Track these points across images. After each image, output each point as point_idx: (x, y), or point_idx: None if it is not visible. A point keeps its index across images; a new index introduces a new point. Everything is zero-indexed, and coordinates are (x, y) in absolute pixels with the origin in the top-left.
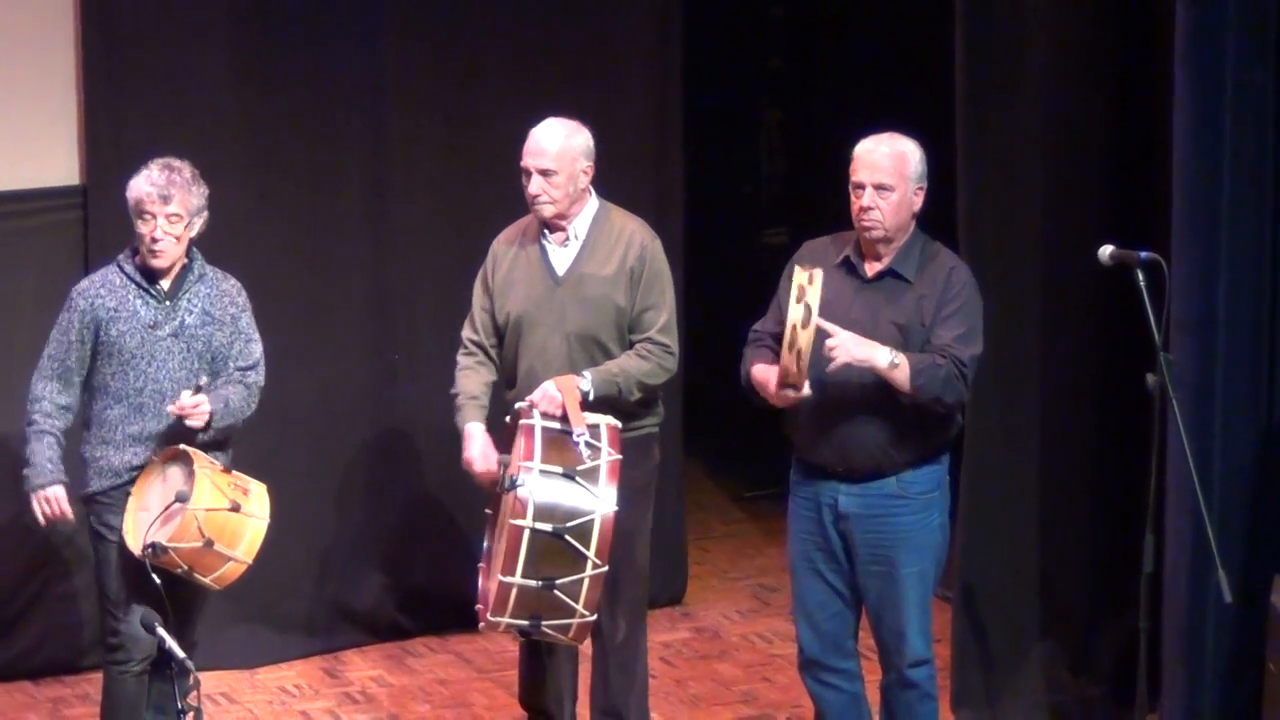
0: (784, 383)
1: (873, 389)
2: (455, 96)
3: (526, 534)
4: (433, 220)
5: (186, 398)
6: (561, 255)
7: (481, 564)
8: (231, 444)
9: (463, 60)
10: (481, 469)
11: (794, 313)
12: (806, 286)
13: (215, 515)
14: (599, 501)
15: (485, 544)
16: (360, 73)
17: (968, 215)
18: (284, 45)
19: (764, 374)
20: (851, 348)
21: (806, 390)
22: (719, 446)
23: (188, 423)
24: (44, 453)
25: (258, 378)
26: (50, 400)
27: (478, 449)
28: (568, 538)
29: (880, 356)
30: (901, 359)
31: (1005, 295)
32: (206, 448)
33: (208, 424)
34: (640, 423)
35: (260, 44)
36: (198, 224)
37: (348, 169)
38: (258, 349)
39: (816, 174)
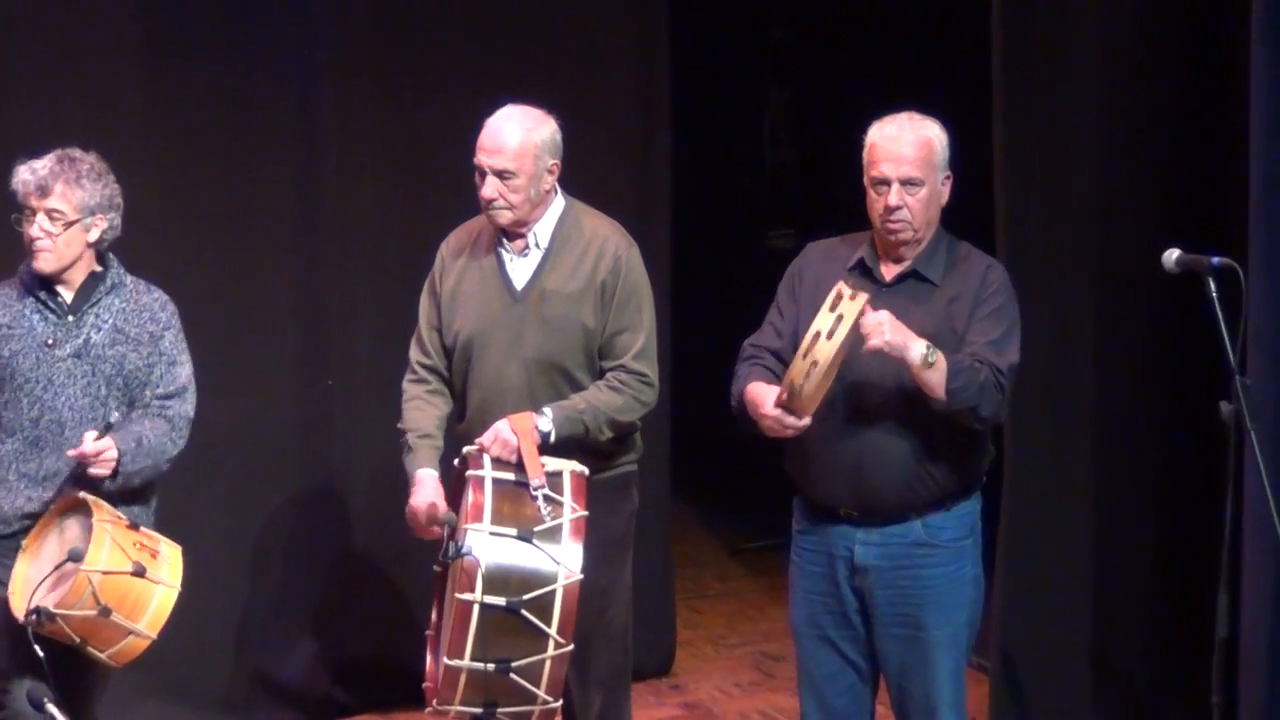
0: (784, 402)
1: (894, 408)
2: (400, 77)
3: (476, 610)
4: (374, 222)
5: (88, 441)
6: (520, 267)
7: (429, 631)
8: (155, 493)
9: (408, 34)
10: (427, 524)
11: (822, 319)
12: (847, 299)
13: (114, 580)
14: (561, 568)
15: (434, 609)
16: (289, 49)
17: (1008, 215)
18: (200, 16)
19: (760, 393)
20: (889, 328)
21: (806, 421)
22: (711, 489)
23: (90, 471)
24: None
25: (183, 408)
26: None
27: (425, 499)
28: (524, 613)
29: (916, 348)
30: (938, 356)
31: (1052, 308)
32: (119, 498)
33: (115, 470)
34: (615, 461)
35: (172, 15)
36: (99, 226)
37: (273, 162)
38: (184, 373)
39: (830, 163)
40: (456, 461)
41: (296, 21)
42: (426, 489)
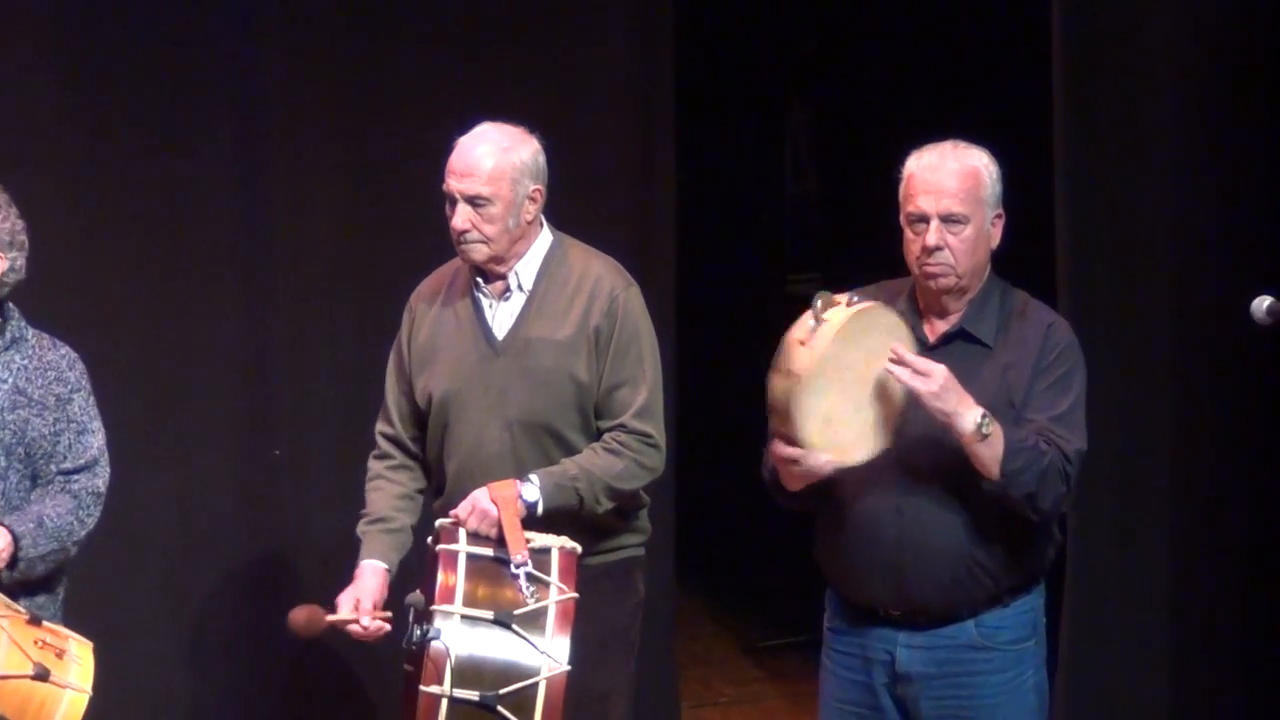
0: (778, 431)
1: (940, 488)
2: (357, 97)
3: (444, 706)
4: (328, 267)
5: None
6: (501, 313)
7: None
8: (63, 580)
9: (365, 49)
10: (352, 621)
11: (799, 328)
12: (841, 305)
13: (12, 686)
14: (544, 658)
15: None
16: (229, 68)
17: (1071, 262)
18: (126, 30)
19: (781, 449)
20: (940, 381)
21: (824, 458)
22: (726, 577)
23: None
24: None
25: (93, 483)
26: None
27: (350, 593)
28: (501, 709)
29: (969, 416)
30: (995, 429)
31: (1123, 369)
32: (18, 589)
33: (13, 559)
34: (616, 543)
35: (94, 29)
36: None
37: (211, 196)
38: (95, 444)
39: (862, 197)
40: (430, 539)
41: (237, 37)
42: (361, 583)
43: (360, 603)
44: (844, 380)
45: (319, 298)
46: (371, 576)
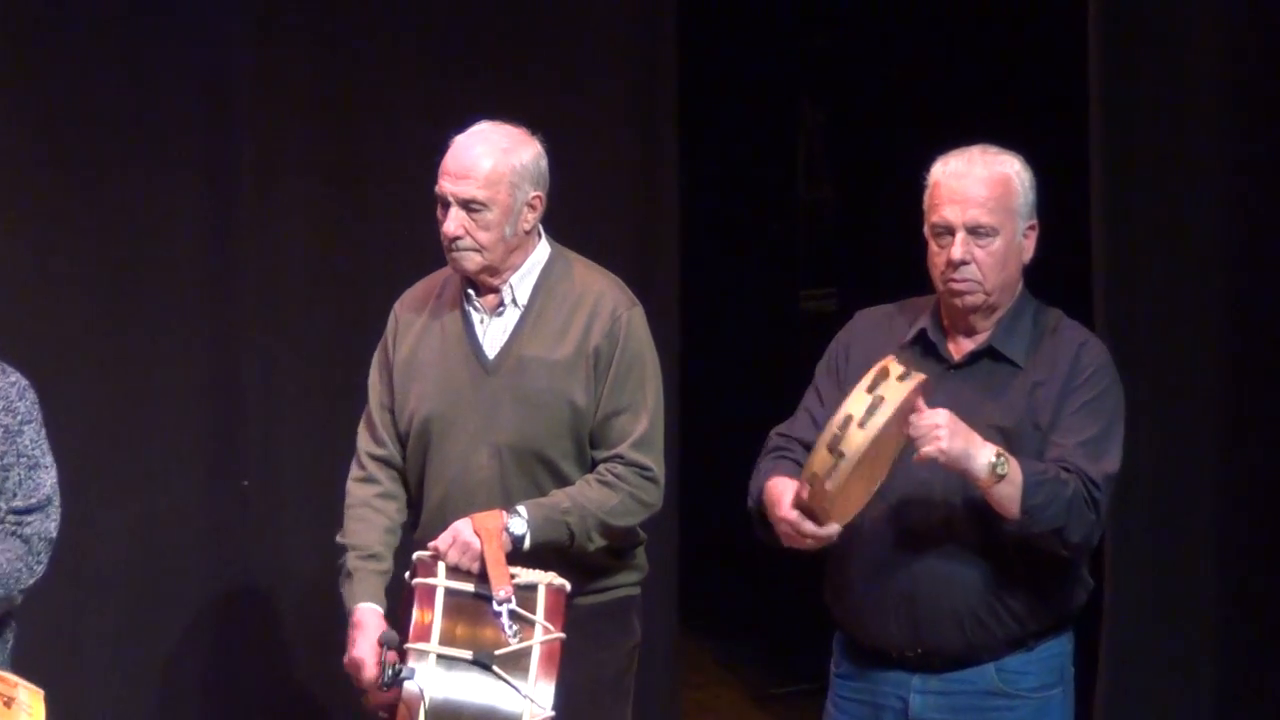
0: (804, 501)
1: (959, 524)
2: (335, 96)
3: None
4: (303, 280)
5: None
6: (493, 329)
7: None
8: (11, 626)
9: (344, 44)
10: (373, 675)
11: (855, 401)
12: (894, 378)
13: None
14: (527, 703)
15: None
16: (197, 67)
17: (1109, 277)
18: (82, 24)
19: (780, 490)
20: (946, 432)
21: (833, 529)
22: (730, 620)
23: None
24: None
25: (45, 526)
26: None
27: (369, 645)
28: None
29: (981, 458)
30: (1011, 466)
31: (1166, 394)
32: None
33: None
34: (610, 582)
35: (49, 21)
36: None
37: (176, 204)
38: (47, 481)
39: (881, 203)
40: (408, 573)
41: (205, 34)
42: (368, 632)
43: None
44: (871, 461)
45: (292, 313)
46: (376, 624)
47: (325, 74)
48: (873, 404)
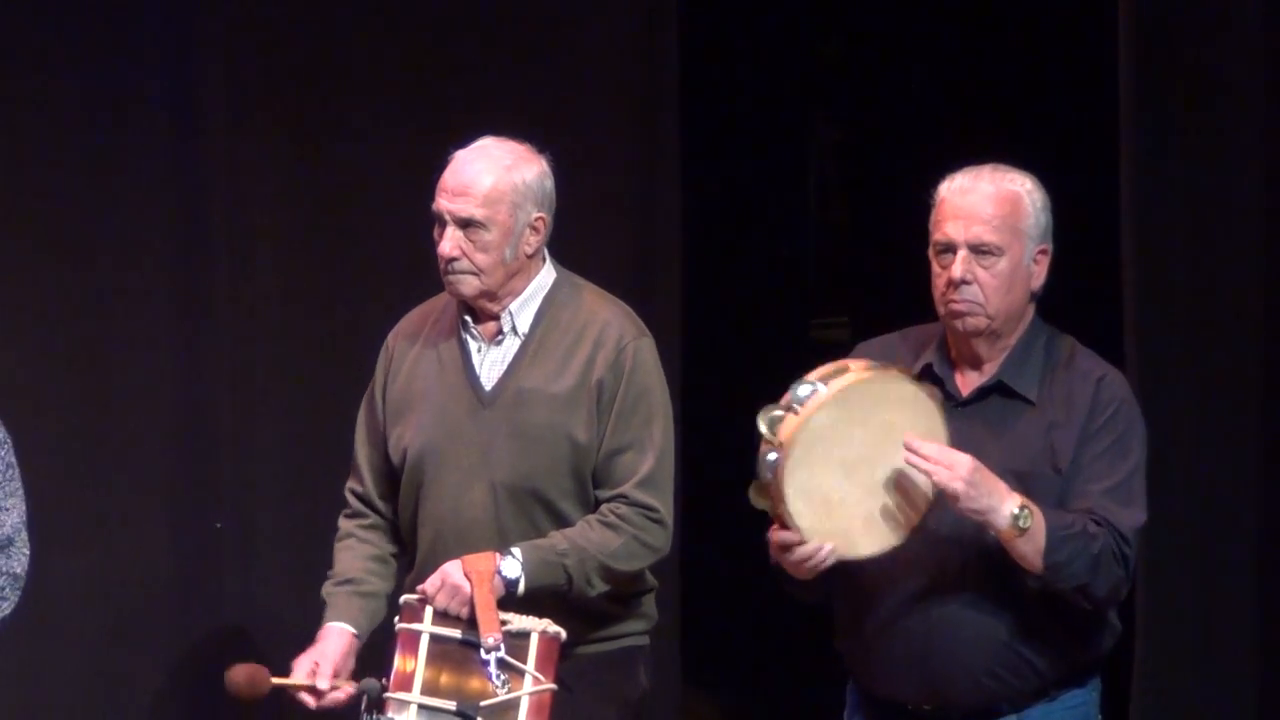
0: (772, 511)
1: (976, 573)
2: (313, 115)
3: None
4: (279, 308)
5: None
6: (491, 358)
7: None
8: None
9: (324, 59)
10: (305, 687)
11: (802, 386)
12: (847, 371)
13: None
14: None
15: None
16: (164, 83)
17: (1141, 305)
18: (46, 30)
19: (776, 533)
20: (964, 482)
21: (826, 548)
22: (737, 670)
23: None
24: None
25: (10, 565)
26: None
27: (308, 657)
28: None
29: (1004, 510)
30: (1035, 519)
31: (1199, 433)
32: None
33: None
34: (615, 630)
35: (11, 35)
36: None
37: (144, 227)
38: (12, 520)
39: (897, 228)
40: (397, 618)
41: (173, 48)
42: (321, 645)
43: (319, 666)
44: (845, 459)
45: (266, 346)
46: (336, 639)
47: (302, 92)
48: (810, 392)
